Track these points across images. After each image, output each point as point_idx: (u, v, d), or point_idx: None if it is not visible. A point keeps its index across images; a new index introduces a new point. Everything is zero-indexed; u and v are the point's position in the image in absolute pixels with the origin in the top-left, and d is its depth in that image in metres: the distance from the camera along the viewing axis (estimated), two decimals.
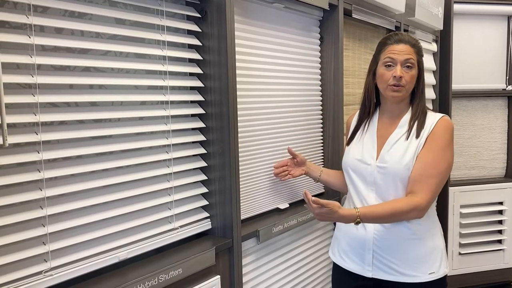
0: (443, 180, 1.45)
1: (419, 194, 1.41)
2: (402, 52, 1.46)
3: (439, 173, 1.43)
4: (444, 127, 1.46)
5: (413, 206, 1.40)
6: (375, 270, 1.53)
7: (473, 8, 3.31)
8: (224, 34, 1.45)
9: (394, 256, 1.49)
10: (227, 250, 1.53)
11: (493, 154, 3.51)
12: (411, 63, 1.46)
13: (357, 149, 1.59)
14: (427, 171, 1.42)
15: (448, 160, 1.45)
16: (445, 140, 1.45)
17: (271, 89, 1.81)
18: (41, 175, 1.08)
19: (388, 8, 2.44)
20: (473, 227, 3.39)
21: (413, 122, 1.50)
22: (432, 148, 1.44)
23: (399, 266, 1.49)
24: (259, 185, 1.76)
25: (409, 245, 1.48)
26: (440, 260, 1.50)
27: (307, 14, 2.01)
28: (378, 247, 1.51)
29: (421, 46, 1.54)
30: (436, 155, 1.43)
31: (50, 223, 1.12)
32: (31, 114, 1.06)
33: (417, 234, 1.48)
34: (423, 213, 1.43)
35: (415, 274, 1.48)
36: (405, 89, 1.48)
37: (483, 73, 3.43)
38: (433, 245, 1.50)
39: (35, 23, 1.05)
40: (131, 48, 1.28)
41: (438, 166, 1.43)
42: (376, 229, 1.51)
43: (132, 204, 1.32)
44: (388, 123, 1.56)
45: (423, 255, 1.48)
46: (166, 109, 1.40)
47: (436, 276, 1.48)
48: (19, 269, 1.05)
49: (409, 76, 1.47)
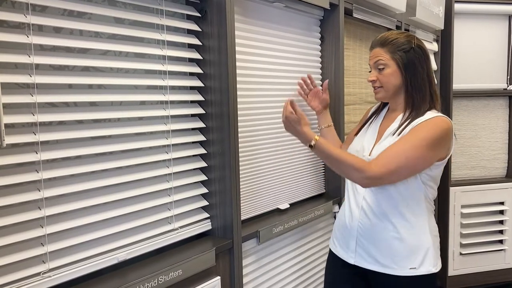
0: (408, 167, 1.41)
1: (376, 162, 1.42)
2: (372, 56, 1.55)
3: (405, 157, 1.40)
4: (432, 124, 1.43)
5: (360, 168, 1.40)
6: (357, 257, 1.58)
7: (474, 7, 3.30)
8: (224, 33, 1.44)
9: (375, 246, 1.53)
10: (227, 251, 1.52)
11: (494, 154, 3.50)
12: (381, 63, 1.51)
13: (359, 141, 1.64)
14: (394, 149, 1.42)
15: (422, 154, 1.40)
16: (427, 134, 1.41)
17: (271, 89, 1.80)
18: (39, 175, 1.07)
19: (389, 8, 2.43)
20: (474, 227, 3.38)
21: (404, 120, 1.50)
22: (410, 136, 1.43)
23: (380, 257, 1.52)
24: (260, 186, 1.75)
25: (389, 239, 1.50)
26: (423, 258, 1.49)
27: (308, 14, 2.00)
28: (361, 235, 1.56)
29: (397, 41, 1.50)
30: (411, 143, 1.41)
31: (49, 224, 1.11)
32: (29, 114, 1.05)
33: (400, 234, 1.49)
34: (369, 183, 1.43)
35: (395, 267, 1.50)
36: (383, 89, 1.54)
37: (484, 73, 3.42)
38: (418, 244, 1.49)
39: (33, 22, 1.04)
40: (131, 47, 1.28)
41: (407, 151, 1.40)
42: (361, 219, 1.56)
43: (132, 205, 1.31)
44: (389, 118, 1.60)
45: (404, 250, 1.49)
46: (166, 109, 1.40)
47: (417, 272, 1.48)
48: (17, 270, 1.04)
49: (382, 76, 1.52)
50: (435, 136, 1.41)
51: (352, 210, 1.59)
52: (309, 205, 2.02)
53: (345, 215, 1.62)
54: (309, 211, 1.92)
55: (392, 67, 1.50)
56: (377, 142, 1.55)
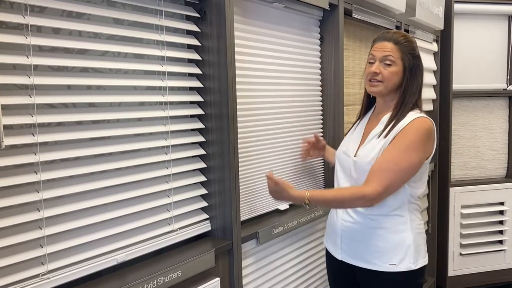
0: (401, 177, 1.46)
1: (370, 184, 1.45)
2: (382, 48, 1.52)
3: (397, 169, 1.44)
4: (415, 128, 1.46)
5: (360, 195, 1.44)
6: (343, 254, 1.63)
7: (474, 7, 3.30)
8: (223, 34, 1.44)
9: (358, 243, 1.57)
10: (226, 252, 1.52)
11: (494, 154, 3.50)
12: (390, 60, 1.50)
13: (345, 142, 1.68)
14: (384, 164, 1.45)
15: (412, 160, 1.45)
16: (412, 140, 1.45)
17: (271, 90, 1.79)
18: (38, 177, 1.07)
19: (388, 8, 2.43)
20: (474, 227, 3.38)
21: (390, 121, 1.52)
22: (397, 145, 1.46)
23: (363, 253, 1.56)
24: (259, 186, 1.75)
25: (371, 235, 1.54)
26: (404, 255, 1.51)
27: (307, 14, 2.00)
28: (345, 232, 1.60)
29: (411, 44, 1.53)
30: (398, 152, 1.45)
31: (47, 226, 1.10)
32: (27, 115, 1.05)
33: (381, 231, 1.52)
34: (373, 203, 1.46)
35: (377, 263, 1.53)
36: (383, 84, 1.52)
37: (484, 73, 3.41)
38: (399, 240, 1.52)
39: (31, 23, 1.04)
40: (130, 48, 1.27)
41: (397, 162, 1.44)
42: (344, 217, 1.60)
43: (131, 206, 1.31)
44: (375, 120, 1.61)
45: (385, 246, 1.52)
46: (165, 110, 1.39)
47: (397, 269, 1.51)
48: (16, 272, 1.04)
49: (387, 73, 1.51)
50: (419, 139, 1.45)
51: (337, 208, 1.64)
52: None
53: (333, 212, 1.70)
54: (309, 212, 1.92)
55: (399, 67, 1.51)
56: (361, 144, 1.58)
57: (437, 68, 3.30)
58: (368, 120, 1.65)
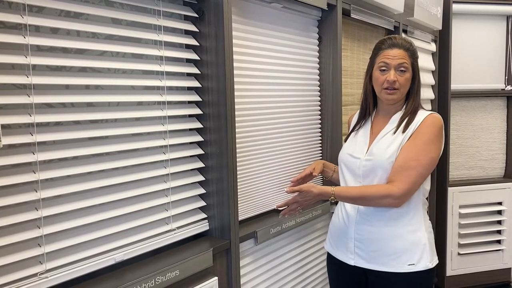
0: (424, 173, 1.48)
1: (396, 183, 1.46)
2: (396, 57, 1.52)
3: (419, 165, 1.46)
4: (430, 122, 1.50)
5: (387, 193, 1.45)
6: (357, 259, 1.59)
7: (472, 8, 3.30)
8: (221, 34, 1.44)
9: (373, 246, 1.55)
10: (224, 252, 1.52)
11: (492, 154, 3.51)
12: (405, 67, 1.52)
13: (350, 144, 1.66)
14: (407, 162, 1.47)
15: (431, 155, 1.48)
16: (430, 135, 1.48)
17: (269, 90, 1.80)
18: (36, 176, 1.07)
19: (387, 8, 2.43)
20: (472, 227, 3.38)
21: (403, 119, 1.54)
22: (416, 141, 1.48)
23: (379, 256, 1.54)
24: (257, 186, 1.75)
25: (387, 237, 1.53)
26: (421, 254, 1.51)
27: (306, 14, 2.00)
28: (359, 235, 1.57)
29: (415, 49, 1.58)
30: (419, 148, 1.47)
31: (46, 225, 1.11)
32: (26, 115, 1.05)
33: (397, 232, 1.52)
34: (399, 203, 1.47)
35: (394, 264, 1.52)
36: (400, 91, 1.54)
37: (482, 73, 3.42)
38: (414, 240, 1.52)
39: (30, 23, 1.04)
40: (128, 48, 1.28)
41: (419, 158, 1.46)
42: (358, 220, 1.58)
43: (129, 206, 1.31)
44: (382, 120, 1.62)
45: (402, 247, 1.51)
46: (163, 110, 1.40)
47: (416, 268, 1.51)
48: (14, 271, 1.04)
49: (403, 80, 1.53)
50: (435, 134, 1.49)
51: (348, 211, 1.61)
52: None
53: (341, 217, 1.64)
54: (307, 212, 1.93)
55: (410, 73, 1.54)
56: (371, 143, 1.58)
57: (436, 68, 3.30)
58: (373, 122, 1.64)
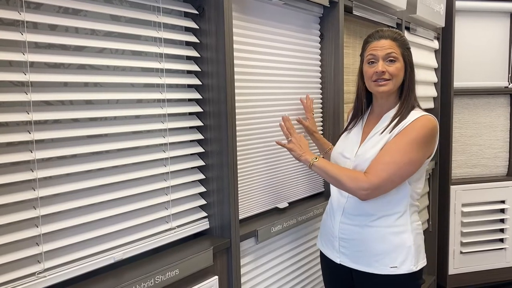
0: (400, 173, 1.43)
1: (368, 175, 1.44)
2: (383, 47, 1.49)
3: (393, 162, 1.41)
4: (421, 124, 1.44)
5: (356, 181, 1.44)
6: (342, 257, 1.61)
7: (475, 5, 3.28)
8: (222, 31, 1.43)
9: (357, 246, 1.55)
10: (225, 250, 1.52)
11: (495, 152, 3.49)
12: (394, 56, 1.49)
13: (342, 143, 1.66)
14: (384, 157, 1.44)
15: (411, 155, 1.42)
16: (417, 136, 1.43)
17: (270, 87, 1.78)
18: (34, 174, 1.06)
19: (389, 5, 2.42)
20: (474, 225, 3.37)
21: (394, 118, 1.51)
22: (398, 139, 1.45)
23: (362, 256, 1.54)
24: (258, 184, 1.74)
25: (370, 238, 1.52)
26: (405, 256, 1.49)
27: (307, 11, 1.99)
28: (343, 234, 1.59)
29: (405, 39, 1.54)
30: (399, 147, 1.43)
31: (44, 224, 1.10)
32: (23, 112, 1.04)
33: (381, 233, 1.51)
34: (366, 195, 1.44)
35: (377, 266, 1.52)
36: (392, 82, 1.49)
37: (485, 71, 3.40)
38: (398, 242, 1.50)
39: (27, 20, 1.03)
40: (127, 45, 1.26)
41: (395, 156, 1.42)
42: (342, 220, 1.58)
43: (128, 204, 1.30)
44: (375, 118, 1.59)
45: (385, 249, 1.50)
46: (163, 107, 1.38)
47: (399, 271, 1.49)
48: (12, 270, 1.03)
49: (393, 69, 1.48)
50: (422, 137, 1.43)
51: (334, 210, 1.62)
52: (308, 204, 2.01)
53: (329, 215, 1.67)
54: (308, 210, 1.92)
55: (401, 63, 1.50)
56: (362, 143, 1.56)
57: (438, 66, 3.29)
58: (366, 121, 1.63)
